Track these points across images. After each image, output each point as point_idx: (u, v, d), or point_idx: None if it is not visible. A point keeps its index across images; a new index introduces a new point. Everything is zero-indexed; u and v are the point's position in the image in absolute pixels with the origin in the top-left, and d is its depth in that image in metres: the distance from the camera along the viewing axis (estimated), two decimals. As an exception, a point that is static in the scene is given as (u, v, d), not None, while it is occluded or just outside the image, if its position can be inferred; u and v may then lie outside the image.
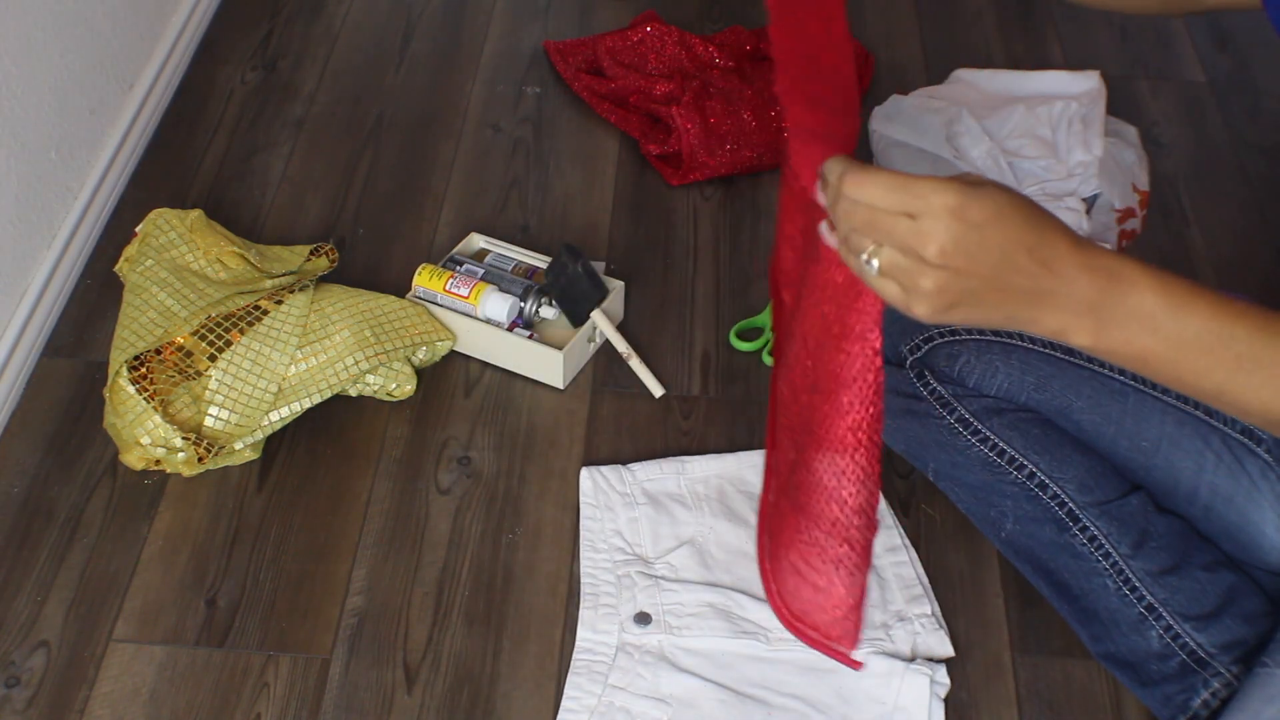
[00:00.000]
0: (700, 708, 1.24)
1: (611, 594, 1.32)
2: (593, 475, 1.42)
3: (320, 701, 1.25)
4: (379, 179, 1.81)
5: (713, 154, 1.78)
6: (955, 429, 1.27)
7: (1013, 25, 2.12)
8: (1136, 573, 1.20)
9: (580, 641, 1.28)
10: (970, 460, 1.27)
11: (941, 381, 1.28)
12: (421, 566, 1.36)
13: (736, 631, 1.28)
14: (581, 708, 1.23)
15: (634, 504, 1.40)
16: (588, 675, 1.26)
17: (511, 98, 1.95)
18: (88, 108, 1.69)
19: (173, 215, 1.56)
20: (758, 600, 1.31)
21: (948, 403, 1.28)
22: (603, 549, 1.36)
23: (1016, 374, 1.27)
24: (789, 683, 1.26)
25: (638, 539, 1.37)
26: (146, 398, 1.38)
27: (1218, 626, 1.18)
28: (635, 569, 1.34)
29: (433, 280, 1.55)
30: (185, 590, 1.33)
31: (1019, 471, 1.25)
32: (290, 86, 1.95)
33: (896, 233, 0.80)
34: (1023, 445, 1.25)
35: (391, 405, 1.51)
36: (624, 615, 1.30)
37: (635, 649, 1.28)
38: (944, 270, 0.80)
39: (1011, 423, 1.26)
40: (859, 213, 0.81)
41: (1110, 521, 1.22)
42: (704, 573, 1.34)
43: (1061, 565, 1.25)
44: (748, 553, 1.36)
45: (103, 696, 1.25)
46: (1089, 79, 1.79)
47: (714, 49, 1.93)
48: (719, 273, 1.70)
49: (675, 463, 1.44)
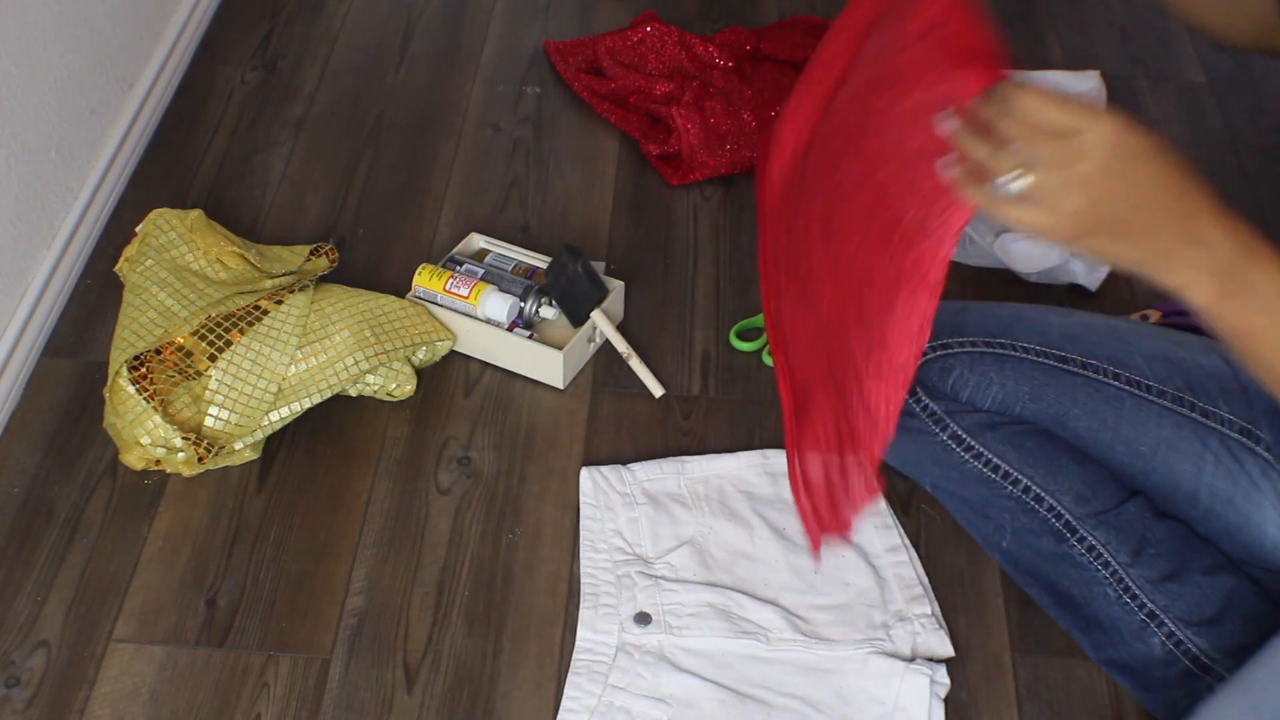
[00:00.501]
0: (700, 708, 1.24)
1: (611, 594, 1.32)
2: (593, 475, 1.42)
3: (320, 701, 1.25)
4: (379, 179, 1.81)
5: (713, 154, 1.78)
6: (949, 445, 1.27)
7: (1013, 25, 2.12)
8: (1136, 580, 1.20)
9: (580, 641, 1.28)
10: (966, 475, 1.27)
11: (934, 398, 1.27)
12: (421, 566, 1.36)
13: (736, 631, 1.28)
14: (581, 708, 1.23)
15: (634, 504, 1.40)
16: (588, 675, 1.26)
17: (511, 98, 1.95)
18: (88, 108, 1.69)
19: (173, 215, 1.56)
20: (758, 600, 1.31)
21: (941, 419, 1.27)
22: (603, 549, 1.36)
23: (1011, 384, 1.26)
24: (789, 683, 1.26)
25: (638, 539, 1.37)
26: (146, 398, 1.38)
27: (1219, 631, 1.18)
28: (635, 569, 1.34)
29: (433, 280, 1.55)
30: (185, 590, 1.33)
31: (1014, 486, 1.25)
32: (290, 86, 1.95)
33: (1055, 148, 0.83)
34: (1017, 460, 1.25)
35: (391, 405, 1.51)
36: (624, 615, 1.30)
37: (635, 649, 1.28)
38: (1093, 192, 0.83)
39: (1005, 437, 1.26)
40: (1024, 124, 0.83)
41: (1108, 531, 1.22)
42: (704, 573, 1.34)
43: (1061, 575, 1.25)
44: (748, 553, 1.36)
45: (103, 696, 1.25)
46: (1089, 79, 1.79)
47: (714, 49, 1.93)
48: (719, 273, 1.70)
49: (675, 463, 1.44)
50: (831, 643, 1.28)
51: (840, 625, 1.30)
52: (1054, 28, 2.13)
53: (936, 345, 1.28)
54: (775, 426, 1.50)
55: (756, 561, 1.35)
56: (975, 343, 1.27)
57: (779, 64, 1.92)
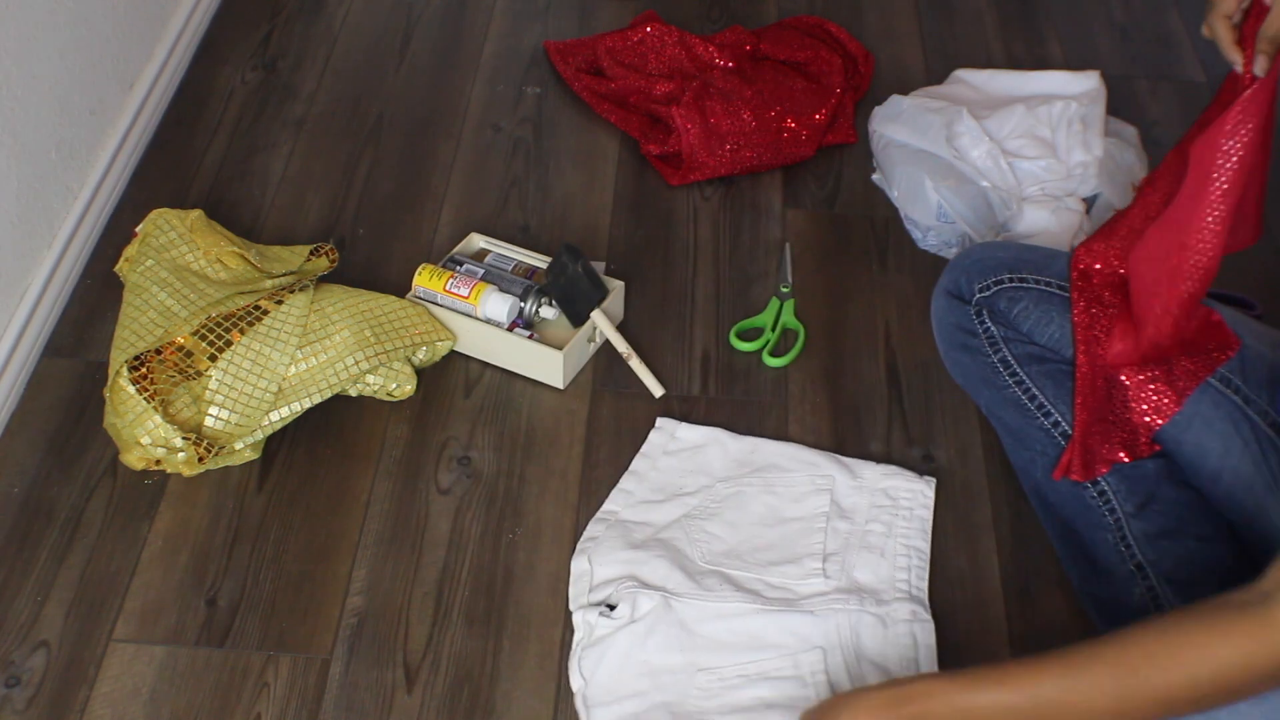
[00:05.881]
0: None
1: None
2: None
3: (320, 701, 1.25)
4: (379, 179, 1.81)
5: (713, 154, 1.79)
6: (997, 368, 1.33)
7: (1013, 25, 2.12)
8: (1134, 531, 1.26)
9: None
10: (1007, 400, 1.34)
11: (996, 322, 1.33)
12: (421, 566, 1.36)
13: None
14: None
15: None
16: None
17: (511, 98, 1.95)
18: (88, 108, 1.69)
19: (173, 215, 1.56)
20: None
21: (996, 342, 1.33)
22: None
23: (1070, 328, 1.31)
24: None
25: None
26: (147, 398, 1.38)
27: (1196, 593, 1.21)
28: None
29: (433, 280, 1.55)
30: (185, 590, 1.33)
31: (1045, 418, 1.31)
32: (290, 86, 1.95)
33: None
34: (1054, 394, 1.31)
35: (391, 405, 1.51)
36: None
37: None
38: None
39: (1049, 372, 1.31)
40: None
41: (1121, 479, 1.27)
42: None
43: (1074, 515, 1.30)
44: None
45: (103, 696, 1.25)
46: (1089, 79, 1.79)
47: (714, 49, 1.93)
48: (719, 273, 1.70)
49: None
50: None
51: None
52: (1054, 28, 2.13)
53: (1014, 277, 1.33)
54: (775, 427, 1.50)
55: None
56: (1050, 283, 1.32)
57: (779, 64, 1.92)
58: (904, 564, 1.34)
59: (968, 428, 1.51)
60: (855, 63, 1.97)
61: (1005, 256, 1.35)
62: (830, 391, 1.55)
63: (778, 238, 1.75)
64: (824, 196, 1.81)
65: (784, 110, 1.81)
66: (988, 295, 1.34)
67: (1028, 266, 1.34)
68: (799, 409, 1.53)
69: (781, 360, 1.58)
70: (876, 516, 1.38)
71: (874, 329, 1.63)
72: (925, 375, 1.56)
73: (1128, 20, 2.16)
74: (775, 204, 1.80)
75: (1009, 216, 1.67)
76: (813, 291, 1.67)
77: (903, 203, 1.75)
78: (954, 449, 1.49)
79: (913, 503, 1.40)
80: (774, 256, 1.72)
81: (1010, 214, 1.67)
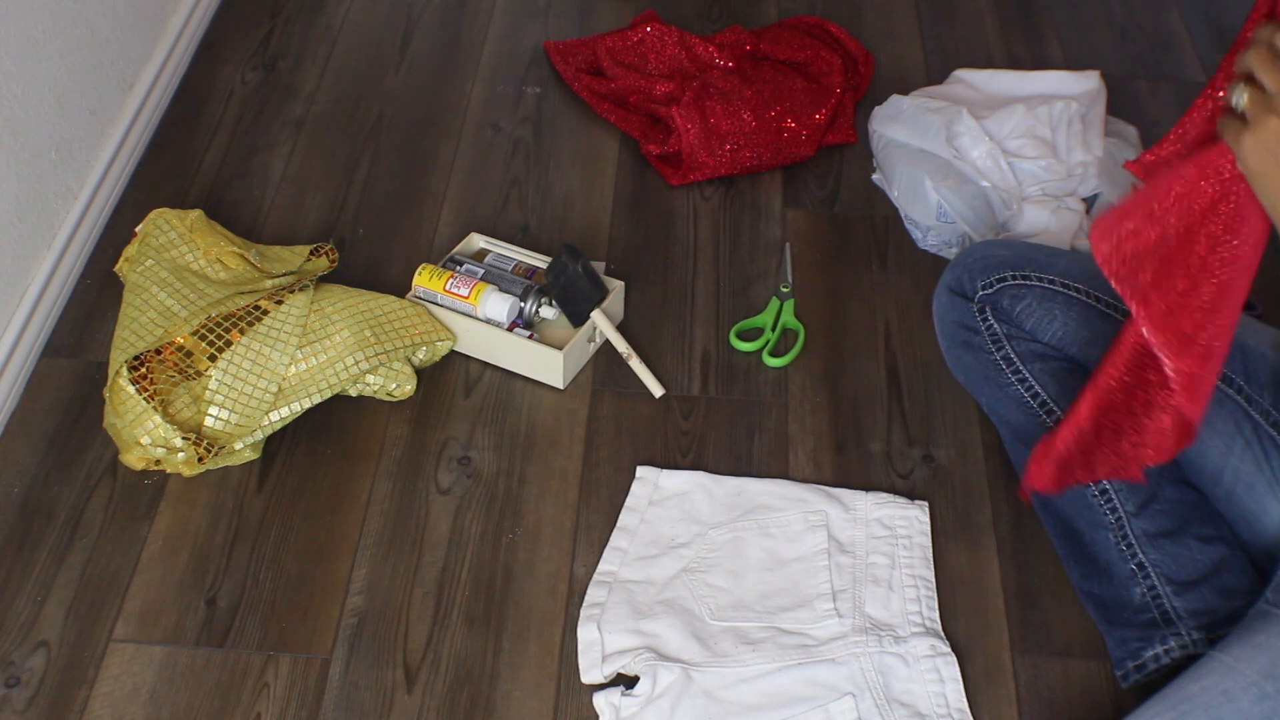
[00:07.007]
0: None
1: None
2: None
3: (320, 701, 1.25)
4: (379, 179, 1.81)
5: (713, 154, 1.79)
6: (999, 365, 1.34)
7: (1013, 25, 2.12)
8: (1135, 531, 1.26)
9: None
10: (1009, 398, 1.34)
11: (999, 319, 1.34)
12: (421, 566, 1.36)
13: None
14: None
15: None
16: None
17: (511, 98, 1.95)
18: (88, 108, 1.69)
19: (173, 215, 1.56)
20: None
21: (998, 339, 1.34)
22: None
23: (1073, 326, 1.31)
24: None
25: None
26: (146, 398, 1.38)
27: (1196, 595, 1.24)
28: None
29: (433, 280, 1.55)
30: (185, 590, 1.33)
31: (1048, 416, 1.32)
32: (290, 86, 1.95)
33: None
34: (1056, 392, 1.31)
35: (391, 405, 1.51)
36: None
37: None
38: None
39: (1052, 370, 1.32)
40: (1264, 53, 0.89)
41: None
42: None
43: (1076, 514, 1.30)
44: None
45: (103, 696, 1.25)
46: (1089, 79, 1.79)
47: (714, 49, 1.93)
48: (719, 273, 1.70)
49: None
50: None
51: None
52: (1054, 28, 2.13)
53: (1018, 275, 1.34)
54: (775, 426, 1.50)
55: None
56: (1054, 281, 1.33)
57: (779, 64, 1.92)
58: (913, 595, 1.32)
59: (968, 427, 1.51)
60: (855, 63, 1.97)
61: (1008, 254, 1.35)
62: (830, 391, 1.55)
63: (778, 238, 1.75)
64: (824, 196, 1.81)
65: (784, 110, 1.81)
66: (990, 292, 1.34)
67: (1031, 264, 1.34)
68: (799, 409, 1.53)
69: (781, 360, 1.58)
70: (877, 548, 1.36)
71: (874, 329, 1.63)
72: (925, 375, 1.56)
73: (1128, 20, 2.16)
74: (775, 204, 1.80)
75: (1009, 216, 1.67)
76: (813, 291, 1.67)
77: (903, 203, 1.75)
78: (954, 449, 1.49)
79: (910, 530, 1.38)
80: (774, 256, 1.72)
81: (1010, 214, 1.67)
